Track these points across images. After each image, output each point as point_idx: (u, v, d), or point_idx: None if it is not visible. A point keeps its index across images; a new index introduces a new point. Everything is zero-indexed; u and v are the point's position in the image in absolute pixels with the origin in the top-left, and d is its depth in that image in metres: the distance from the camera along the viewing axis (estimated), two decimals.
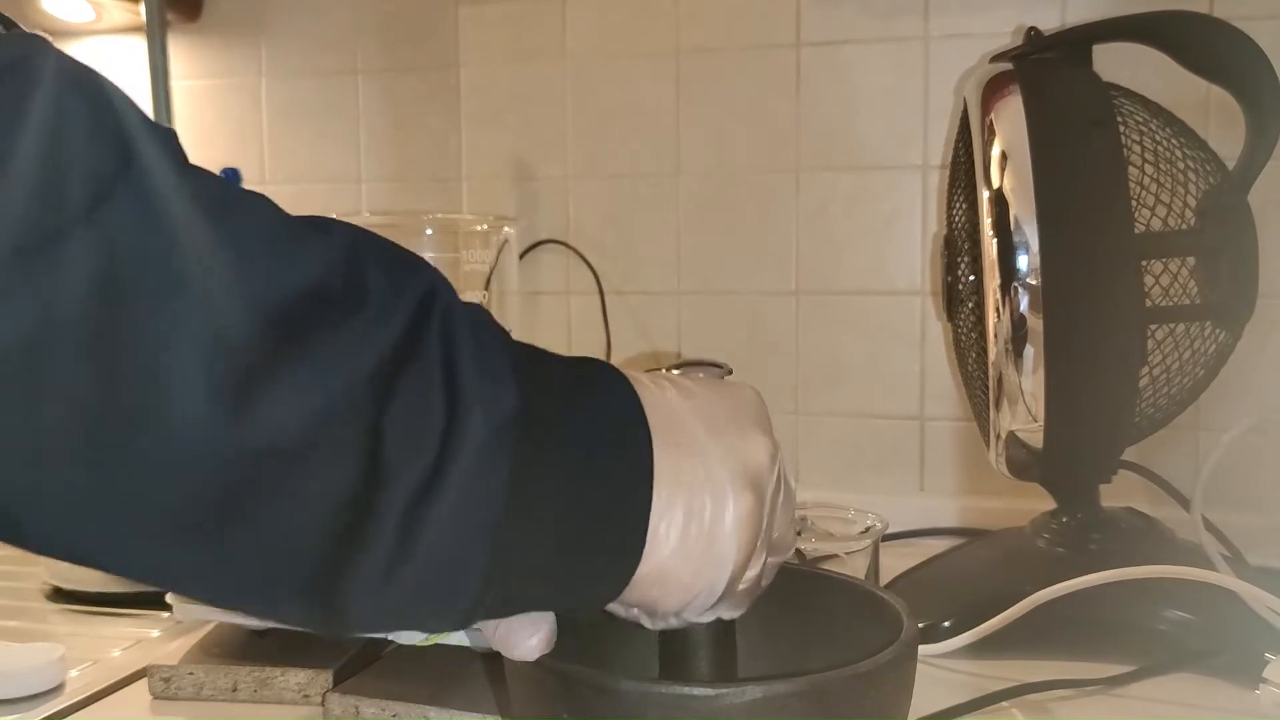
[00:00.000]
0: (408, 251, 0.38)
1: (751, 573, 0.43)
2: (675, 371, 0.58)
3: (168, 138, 0.34)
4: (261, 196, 0.35)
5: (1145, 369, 0.74)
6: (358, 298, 0.35)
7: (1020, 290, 0.72)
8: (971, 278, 0.81)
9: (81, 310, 0.30)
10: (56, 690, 0.67)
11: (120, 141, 0.32)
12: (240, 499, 0.32)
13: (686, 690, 0.41)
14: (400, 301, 0.35)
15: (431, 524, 0.35)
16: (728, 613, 0.45)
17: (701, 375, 0.55)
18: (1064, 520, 0.79)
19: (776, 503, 0.44)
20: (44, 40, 0.31)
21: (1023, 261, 0.72)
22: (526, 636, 0.42)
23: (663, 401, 0.42)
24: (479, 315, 0.38)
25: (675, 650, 0.48)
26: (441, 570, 0.36)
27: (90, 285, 0.30)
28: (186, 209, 0.32)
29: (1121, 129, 0.74)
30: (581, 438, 0.39)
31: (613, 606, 0.44)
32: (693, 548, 0.40)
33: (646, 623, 0.46)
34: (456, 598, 0.37)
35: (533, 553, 0.38)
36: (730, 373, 0.50)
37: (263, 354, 0.32)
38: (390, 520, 0.34)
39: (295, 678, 0.66)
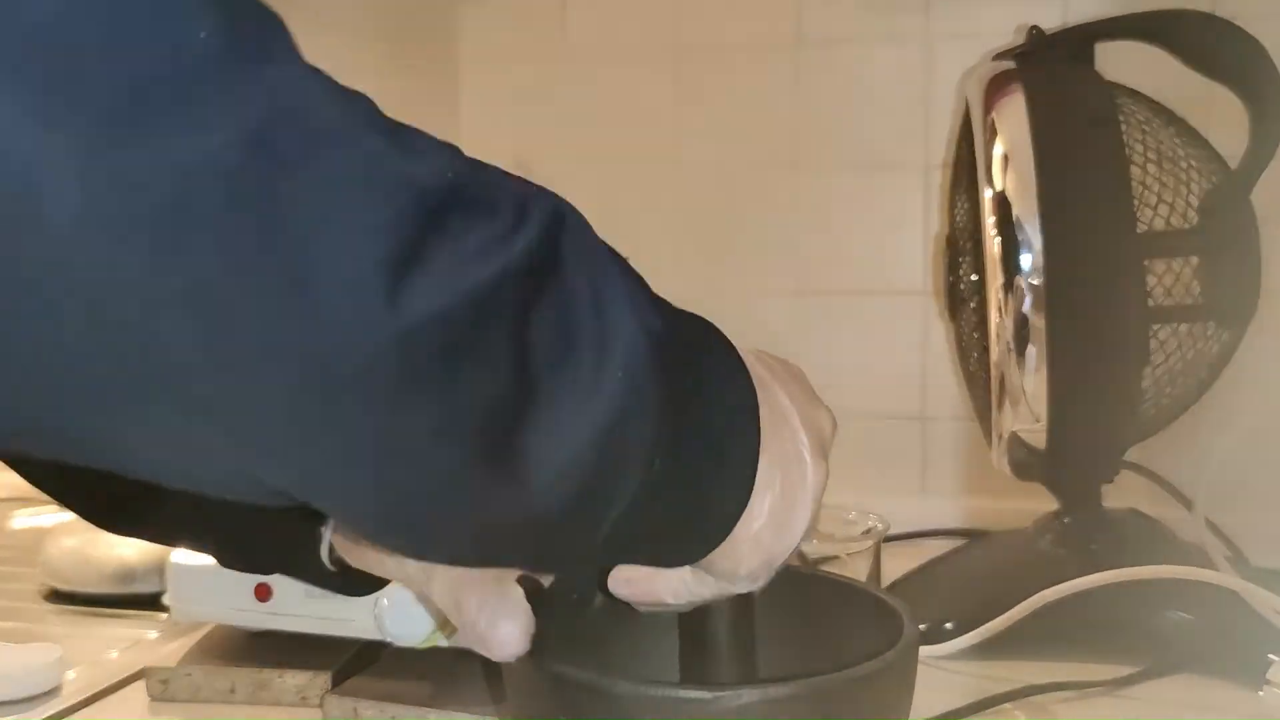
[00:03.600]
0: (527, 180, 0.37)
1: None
2: None
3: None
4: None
5: (1148, 369, 0.74)
6: (486, 202, 0.33)
7: (1023, 290, 0.72)
8: (974, 277, 0.81)
9: (237, 158, 0.28)
10: (54, 692, 0.67)
11: (259, 16, 0.30)
12: (386, 389, 0.30)
13: (682, 693, 0.41)
14: (529, 214, 0.34)
15: (590, 437, 0.34)
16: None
17: None
18: (1066, 521, 0.78)
19: None
20: None
21: (1025, 261, 0.72)
22: (509, 629, 0.41)
23: (753, 368, 0.42)
24: (609, 246, 0.38)
25: (697, 626, 0.47)
26: (596, 484, 0.35)
27: (243, 135, 0.28)
28: (324, 84, 0.31)
29: (1124, 128, 0.74)
30: (705, 378, 0.40)
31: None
32: (780, 515, 0.42)
33: (671, 599, 0.45)
34: (600, 519, 0.36)
35: (667, 485, 0.38)
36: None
37: (412, 234, 0.30)
38: (548, 431, 0.33)
39: (293, 679, 0.66)
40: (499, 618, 0.41)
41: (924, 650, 0.70)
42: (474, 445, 0.33)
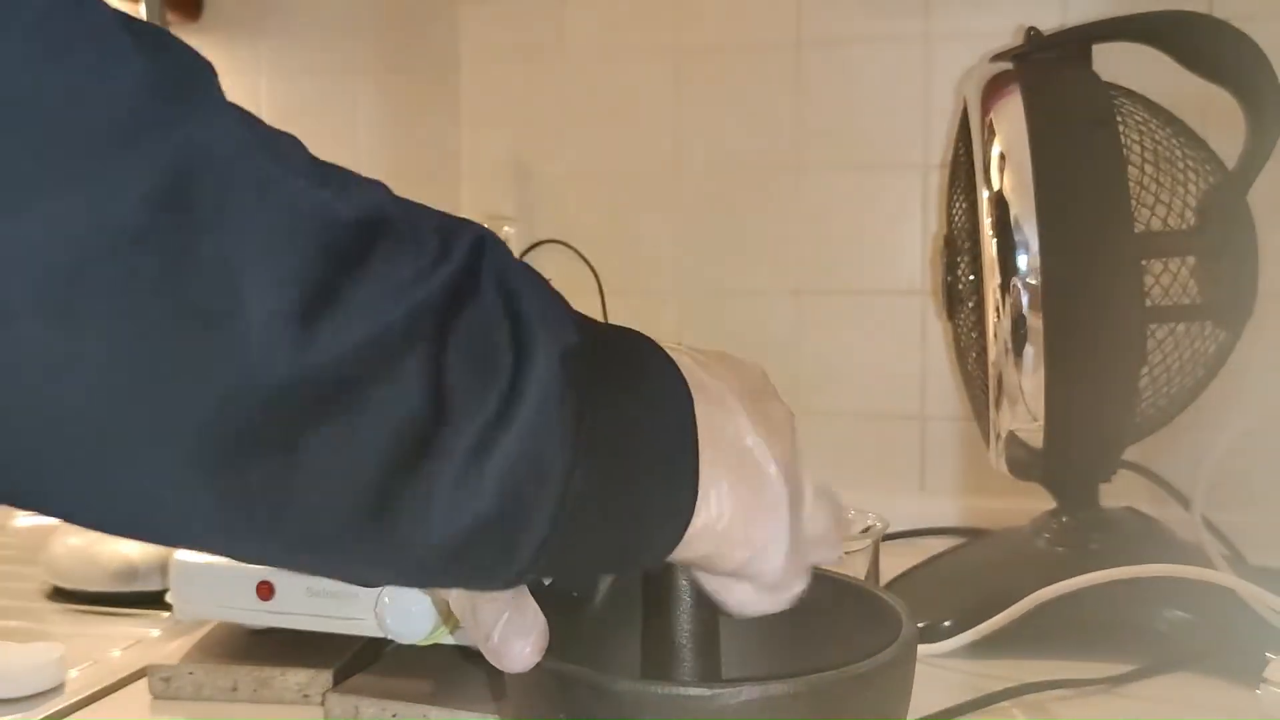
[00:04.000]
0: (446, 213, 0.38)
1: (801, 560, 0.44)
2: None
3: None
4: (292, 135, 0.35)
5: (1145, 368, 0.74)
6: (409, 236, 0.34)
7: (1020, 290, 0.72)
8: (971, 277, 0.81)
9: (138, 223, 0.28)
10: (56, 690, 0.67)
11: (183, 67, 0.31)
12: (300, 423, 0.31)
13: (683, 691, 0.41)
14: (452, 244, 0.35)
15: (500, 461, 0.34)
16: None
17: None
18: (1064, 520, 0.78)
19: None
20: None
21: (1023, 261, 0.72)
22: (521, 646, 0.41)
23: (688, 366, 0.42)
24: (530, 268, 0.38)
25: (657, 615, 0.47)
26: (509, 508, 0.35)
27: (148, 196, 0.28)
28: (247, 131, 0.32)
29: (1121, 128, 0.74)
30: (631, 385, 0.40)
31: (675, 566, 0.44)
32: (744, 498, 0.41)
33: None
34: (519, 542, 0.36)
35: (597, 498, 0.37)
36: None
37: (325, 273, 0.31)
38: (456, 457, 0.33)
39: (295, 677, 0.66)
40: (513, 634, 0.42)
41: (922, 648, 0.70)
42: (381, 481, 0.33)
